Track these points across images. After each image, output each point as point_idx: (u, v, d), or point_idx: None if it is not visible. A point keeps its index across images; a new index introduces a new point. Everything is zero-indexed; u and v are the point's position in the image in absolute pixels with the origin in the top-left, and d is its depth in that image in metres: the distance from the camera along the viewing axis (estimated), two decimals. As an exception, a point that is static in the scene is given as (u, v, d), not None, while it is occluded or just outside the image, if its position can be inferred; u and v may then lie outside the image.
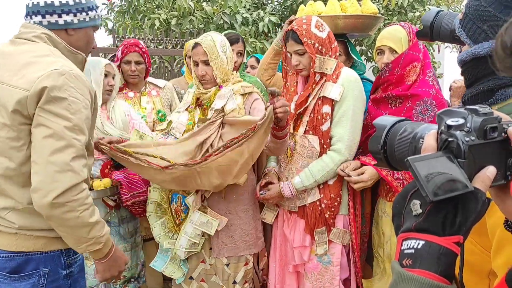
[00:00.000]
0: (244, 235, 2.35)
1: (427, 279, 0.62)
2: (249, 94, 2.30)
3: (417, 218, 0.67)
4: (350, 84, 2.20)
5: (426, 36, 1.50)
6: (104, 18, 8.04)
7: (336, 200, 2.27)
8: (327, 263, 2.33)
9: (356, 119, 2.22)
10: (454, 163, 0.66)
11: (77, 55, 1.67)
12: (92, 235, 1.56)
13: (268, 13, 6.52)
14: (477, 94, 1.12)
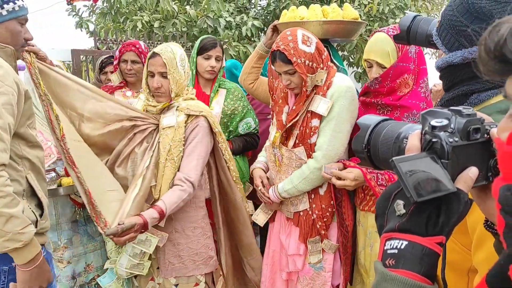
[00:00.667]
0: (192, 254, 2.25)
1: (410, 279, 0.62)
2: (196, 117, 2.17)
3: (401, 218, 0.67)
4: (339, 94, 2.15)
5: (403, 40, 1.53)
6: (86, 20, 7.96)
7: (327, 211, 2.26)
8: (319, 268, 2.33)
9: (339, 129, 2.17)
10: (437, 164, 0.66)
11: (5, 48, 1.68)
12: (8, 228, 1.48)
13: (251, 17, 6.53)
14: (453, 98, 1.15)
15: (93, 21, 8.02)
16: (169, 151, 2.11)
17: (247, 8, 6.96)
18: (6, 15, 1.67)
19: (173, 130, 2.13)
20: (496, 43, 0.57)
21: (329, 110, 2.15)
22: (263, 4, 7.21)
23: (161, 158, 2.11)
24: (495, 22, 0.59)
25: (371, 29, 6.51)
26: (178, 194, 2.06)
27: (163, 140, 2.13)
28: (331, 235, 2.30)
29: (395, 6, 6.85)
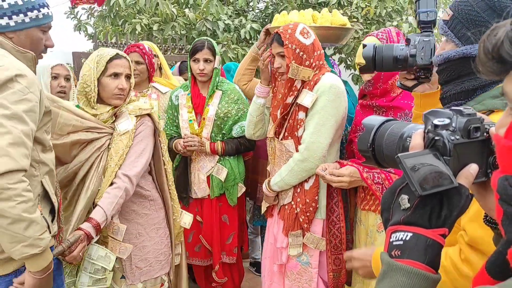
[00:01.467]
0: (158, 255, 2.27)
1: (415, 268, 0.66)
2: (141, 117, 2.17)
3: (405, 212, 0.71)
4: (324, 89, 2.22)
5: (369, 70, 1.62)
6: (84, 23, 7.99)
7: (311, 205, 2.30)
8: (305, 263, 2.37)
9: (322, 123, 2.22)
10: (440, 160, 0.71)
11: (26, 54, 1.68)
12: (29, 233, 1.49)
13: (250, 20, 6.58)
14: (461, 92, 1.19)
15: (92, 24, 8.06)
16: (121, 156, 2.09)
17: (245, 11, 7.01)
18: (29, 22, 1.67)
19: (128, 136, 2.11)
20: (493, 45, 0.62)
21: (313, 102, 2.22)
22: (261, 7, 7.26)
23: (110, 162, 2.08)
24: (493, 26, 0.63)
25: (369, 31, 6.57)
26: (114, 193, 2.03)
27: (116, 146, 2.09)
28: (316, 231, 2.34)
29: (392, 9, 6.91)
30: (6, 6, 1.63)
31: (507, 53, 0.61)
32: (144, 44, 3.11)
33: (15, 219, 1.45)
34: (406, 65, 1.53)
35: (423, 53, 1.48)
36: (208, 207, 2.95)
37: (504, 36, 0.61)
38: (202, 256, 3.01)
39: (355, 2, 6.70)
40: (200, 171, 2.90)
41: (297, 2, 6.43)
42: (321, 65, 2.31)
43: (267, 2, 7.10)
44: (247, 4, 6.86)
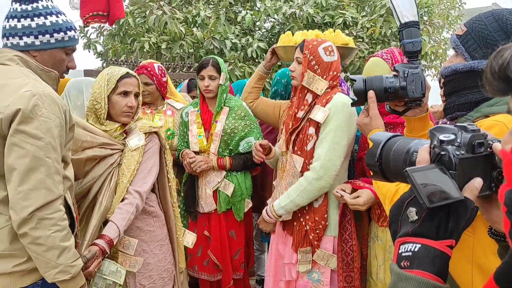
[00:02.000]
0: (161, 272, 2.28)
1: (424, 278, 0.69)
2: (149, 134, 2.22)
3: (413, 224, 0.74)
4: (337, 108, 2.25)
5: (361, 103, 1.62)
6: (94, 41, 8.13)
7: (320, 223, 2.31)
8: (316, 281, 2.36)
9: (337, 141, 2.25)
10: (446, 174, 0.74)
11: (50, 73, 1.72)
12: (61, 261, 1.55)
13: (256, 39, 6.68)
14: (464, 103, 1.25)
15: (101, 42, 8.19)
16: (132, 171, 2.13)
17: (252, 30, 7.12)
18: (54, 43, 1.72)
19: (139, 152, 2.16)
20: (500, 65, 0.66)
21: (325, 118, 2.25)
22: (267, 26, 7.37)
23: (122, 178, 2.12)
24: (499, 48, 0.67)
25: (374, 51, 6.64)
26: (126, 208, 2.07)
27: (128, 162, 2.13)
28: (327, 248, 2.34)
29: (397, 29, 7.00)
30: (34, 25, 1.69)
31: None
32: (154, 63, 3.18)
33: (49, 247, 1.53)
34: (397, 97, 1.53)
35: (413, 86, 1.48)
36: (215, 222, 2.97)
37: (510, 57, 0.65)
38: (210, 271, 3.01)
39: (360, 22, 6.79)
40: (207, 185, 2.93)
41: (303, 22, 6.53)
42: (335, 85, 2.35)
43: (274, 22, 7.21)
44: (254, 23, 6.96)
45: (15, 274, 1.60)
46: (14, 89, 1.56)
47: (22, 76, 1.62)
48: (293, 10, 6.63)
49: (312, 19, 6.62)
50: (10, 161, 1.53)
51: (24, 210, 1.50)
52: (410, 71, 1.49)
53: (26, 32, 1.69)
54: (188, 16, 6.58)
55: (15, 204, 1.51)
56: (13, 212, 1.52)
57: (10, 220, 1.57)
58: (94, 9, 4.08)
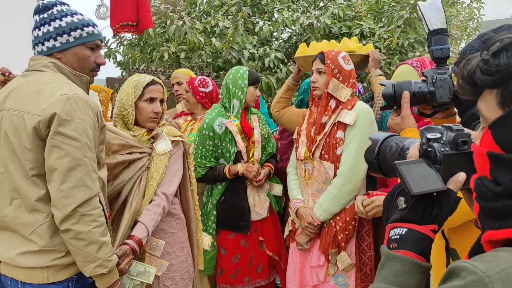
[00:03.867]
0: (183, 273, 2.35)
1: (409, 257, 0.78)
2: (177, 142, 2.33)
3: (402, 211, 0.83)
4: (362, 113, 2.39)
5: (391, 107, 1.69)
6: (114, 51, 8.34)
7: (350, 224, 2.37)
8: (343, 285, 2.40)
9: (363, 145, 2.32)
10: (432, 168, 0.83)
11: (82, 77, 1.84)
12: (100, 255, 1.66)
13: (274, 49, 6.79)
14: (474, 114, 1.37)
15: (121, 52, 8.40)
16: (161, 175, 2.22)
17: (269, 41, 7.24)
18: (73, 41, 1.82)
19: (166, 156, 2.24)
20: (468, 71, 0.75)
21: (354, 120, 2.36)
22: (284, 37, 7.48)
23: (151, 181, 2.20)
24: (468, 57, 0.77)
25: (391, 62, 6.69)
26: (154, 210, 2.17)
27: (156, 165, 2.22)
28: (350, 251, 2.40)
29: (415, 40, 7.04)
30: (52, 29, 1.80)
31: (478, 78, 0.74)
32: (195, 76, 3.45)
33: (89, 241, 1.64)
34: (426, 101, 1.61)
35: (442, 92, 1.55)
36: (268, 224, 3.05)
37: (475, 65, 0.75)
38: (265, 274, 3.07)
39: (377, 33, 6.85)
40: (260, 192, 3.01)
41: (320, 32, 6.63)
42: (353, 93, 2.49)
43: (291, 32, 7.32)
44: (271, 34, 7.08)
45: (52, 268, 1.71)
46: (50, 93, 1.67)
47: (57, 81, 1.74)
48: (310, 20, 6.73)
49: (329, 30, 6.70)
50: (50, 161, 1.64)
51: (66, 207, 1.61)
52: (438, 77, 1.55)
53: (46, 37, 1.80)
54: (207, 27, 6.73)
55: (58, 202, 1.63)
56: (56, 209, 1.63)
57: (48, 217, 1.68)
58: (124, 19, 4.23)
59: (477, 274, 0.63)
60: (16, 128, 1.67)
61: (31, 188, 1.68)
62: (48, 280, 1.71)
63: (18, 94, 1.74)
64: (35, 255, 1.70)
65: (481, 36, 1.33)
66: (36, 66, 1.79)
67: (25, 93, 1.72)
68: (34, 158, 1.67)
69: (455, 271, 0.67)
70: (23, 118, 1.66)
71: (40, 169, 1.68)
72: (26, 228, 1.70)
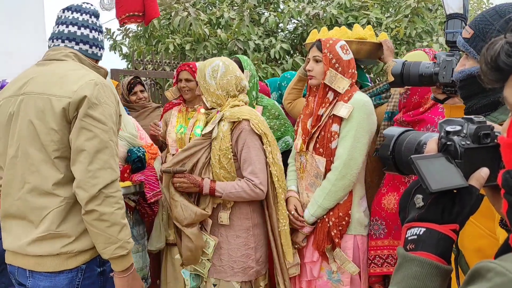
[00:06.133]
0: (231, 261, 2.32)
1: (427, 259, 0.73)
2: (238, 123, 2.27)
3: (420, 210, 0.78)
4: (358, 105, 2.28)
5: (398, 84, 1.76)
6: (119, 43, 8.30)
7: (344, 219, 2.32)
8: (336, 281, 2.35)
9: (358, 139, 2.27)
10: (452, 163, 0.77)
11: (100, 69, 1.90)
12: (121, 236, 1.68)
13: (279, 40, 6.72)
14: (486, 104, 1.26)
15: (127, 44, 8.35)
16: (218, 160, 2.27)
17: (275, 32, 7.16)
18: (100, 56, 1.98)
19: (219, 140, 2.27)
20: (491, 56, 0.69)
21: (349, 114, 2.28)
22: (290, 28, 7.40)
23: (214, 167, 2.30)
24: (491, 40, 0.71)
25: (398, 52, 6.60)
26: (241, 184, 2.25)
27: (213, 152, 2.30)
28: (347, 247, 2.33)
29: (422, 30, 6.94)
30: (100, 39, 1.95)
31: (504, 62, 0.69)
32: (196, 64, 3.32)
33: (112, 223, 1.66)
34: (431, 82, 1.64)
35: (444, 72, 1.57)
36: None
37: (500, 48, 0.69)
38: None
39: (385, 23, 6.76)
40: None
41: (326, 23, 6.54)
42: (353, 83, 2.39)
43: (297, 23, 7.24)
44: (277, 25, 7.01)
45: (62, 256, 1.72)
46: (78, 78, 1.72)
47: (82, 69, 1.80)
48: (316, 11, 6.64)
49: (335, 20, 6.62)
50: (79, 142, 1.66)
51: (93, 188, 1.63)
52: (444, 58, 1.58)
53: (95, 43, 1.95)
54: (212, 18, 6.67)
55: (85, 183, 1.64)
56: (82, 190, 1.65)
57: (64, 201, 1.70)
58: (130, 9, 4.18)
59: (506, 276, 0.57)
60: (42, 110, 1.69)
61: (51, 171, 1.70)
62: (57, 268, 1.71)
63: (40, 80, 1.76)
64: (44, 242, 1.70)
65: (499, 11, 1.22)
66: (57, 56, 1.83)
67: (49, 78, 1.75)
68: (59, 140, 1.69)
69: (480, 272, 0.61)
70: (49, 100, 1.68)
71: (63, 151, 1.70)
72: (39, 212, 1.70)
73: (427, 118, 2.20)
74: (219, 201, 2.32)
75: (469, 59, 1.29)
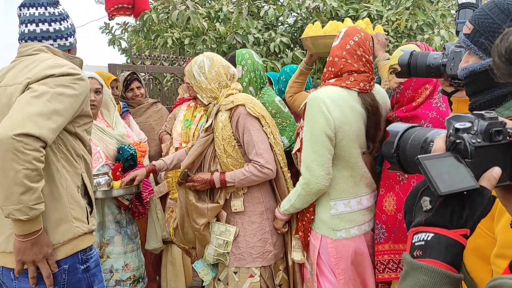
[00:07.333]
0: (249, 248, 2.38)
1: (436, 267, 0.67)
2: (235, 109, 2.31)
3: (427, 213, 0.72)
4: (310, 103, 2.14)
5: (405, 74, 1.73)
6: (118, 37, 8.23)
7: (306, 216, 2.26)
8: (312, 274, 2.32)
9: (315, 139, 2.11)
10: (461, 163, 0.72)
11: (74, 59, 1.88)
12: (23, 200, 1.53)
13: (279, 34, 6.65)
14: (491, 99, 1.20)
15: (126, 39, 8.28)
16: (224, 150, 2.31)
17: (275, 25, 7.08)
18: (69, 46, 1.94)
19: (221, 131, 2.31)
20: (506, 48, 0.63)
21: (301, 108, 2.24)
22: (290, 21, 7.32)
23: (221, 158, 2.35)
24: (505, 31, 0.65)
25: (399, 45, 6.52)
26: (248, 168, 2.29)
27: (216, 143, 2.34)
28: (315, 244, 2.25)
29: (424, 22, 6.85)
30: (63, 28, 1.90)
31: None
32: None
33: (16, 182, 1.51)
34: (439, 73, 1.60)
35: (452, 64, 1.51)
36: None
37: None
38: None
39: (385, 15, 6.68)
40: None
41: (327, 16, 6.46)
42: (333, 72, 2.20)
43: (297, 16, 7.16)
44: (277, 18, 6.93)
45: None
46: (48, 64, 1.71)
47: (53, 58, 1.78)
48: (316, 4, 6.56)
49: (336, 13, 6.54)
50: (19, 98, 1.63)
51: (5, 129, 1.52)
52: (453, 49, 1.53)
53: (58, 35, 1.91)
54: (211, 11, 6.59)
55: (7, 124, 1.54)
56: None
57: None
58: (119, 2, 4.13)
59: None
60: (9, 97, 1.69)
61: None
62: None
63: (14, 72, 1.75)
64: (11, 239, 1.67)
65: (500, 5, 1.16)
66: (28, 51, 1.80)
67: (22, 69, 1.73)
68: None
69: None
70: (15, 88, 1.68)
71: None
72: None
73: (420, 114, 2.13)
74: (232, 190, 2.38)
75: (472, 55, 1.24)
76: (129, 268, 2.68)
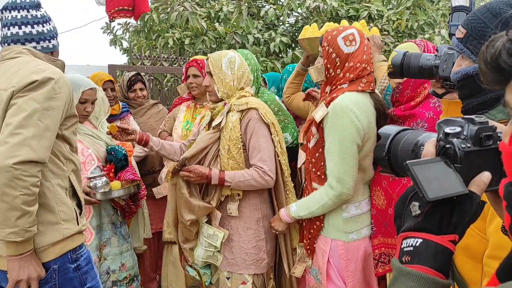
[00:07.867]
0: (242, 254, 2.34)
1: (424, 273, 0.67)
2: (247, 112, 2.29)
3: (416, 218, 0.72)
4: (336, 112, 2.05)
5: (397, 75, 1.72)
6: (119, 37, 8.24)
7: (315, 223, 2.23)
8: (318, 280, 2.28)
9: (346, 150, 2.06)
10: (450, 168, 0.71)
11: (56, 61, 1.86)
12: (20, 223, 1.57)
13: (279, 34, 6.64)
14: (484, 102, 1.20)
15: (127, 39, 8.29)
16: (228, 150, 2.28)
17: (275, 25, 7.07)
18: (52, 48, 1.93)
19: (229, 130, 2.28)
20: (492, 55, 0.63)
21: (322, 117, 2.09)
22: (291, 21, 7.31)
23: (222, 158, 2.30)
24: (491, 37, 0.65)
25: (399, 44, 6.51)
26: (250, 172, 2.26)
27: (222, 142, 2.30)
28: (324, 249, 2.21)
29: (424, 22, 6.84)
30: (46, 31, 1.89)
31: (505, 62, 0.62)
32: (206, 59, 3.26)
33: (13, 207, 1.55)
34: (431, 75, 1.59)
35: (445, 65, 1.51)
36: None
37: (501, 46, 0.62)
38: None
39: (386, 15, 6.67)
40: None
41: (327, 15, 6.46)
42: (349, 78, 2.12)
43: (297, 16, 7.15)
44: (277, 18, 6.93)
45: None
46: (30, 68, 1.69)
47: (34, 61, 1.76)
48: (317, 3, 6.56)
49: (336, 13, 6.54)
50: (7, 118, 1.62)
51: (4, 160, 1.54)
52: (446, 51, 1.52)
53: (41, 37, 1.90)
54: (211, 12, 6.59)
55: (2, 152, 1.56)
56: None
57: None
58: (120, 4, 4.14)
59: None
60: None
61: None
62: None
63: None
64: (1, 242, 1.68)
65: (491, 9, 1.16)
66: (10, 54, 1.79)
67: (4, 72, 1.72)
68: None
69: None
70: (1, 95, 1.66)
71: None
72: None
73: (418, 113, 2.12)
74: (227, 193, 2.34)
75: (465, 59, 1.25)
76: (125, 267, 2.68)
